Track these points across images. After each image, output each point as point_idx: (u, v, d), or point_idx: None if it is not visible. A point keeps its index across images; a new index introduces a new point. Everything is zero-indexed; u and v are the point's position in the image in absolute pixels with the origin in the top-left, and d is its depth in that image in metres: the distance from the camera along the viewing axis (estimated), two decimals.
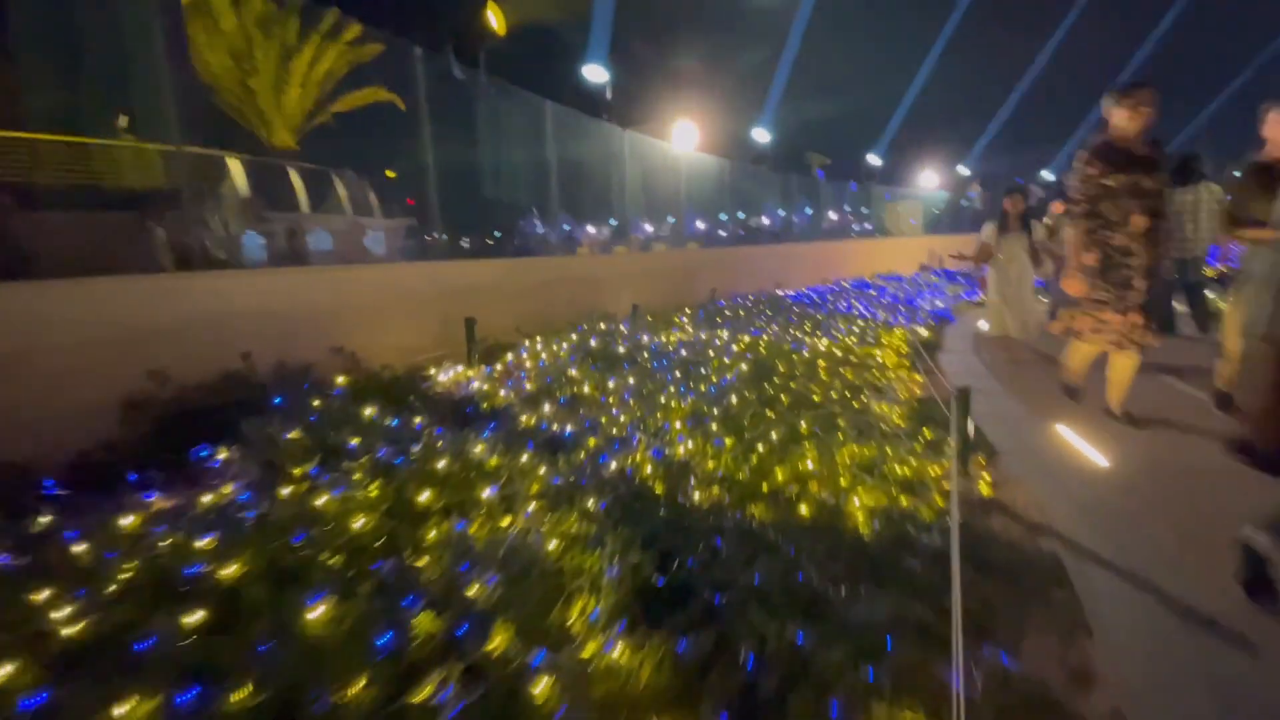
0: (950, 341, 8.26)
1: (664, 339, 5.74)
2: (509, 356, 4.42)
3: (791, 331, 7.58)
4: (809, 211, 16.81)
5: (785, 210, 15.12)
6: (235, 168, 15.28)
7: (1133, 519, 2.78)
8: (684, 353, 5.25)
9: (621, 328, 5.74)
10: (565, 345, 4.81)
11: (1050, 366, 6.12)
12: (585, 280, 6.50)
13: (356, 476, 2.26)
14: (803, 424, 3.70)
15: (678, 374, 4.54)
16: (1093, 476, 3.30)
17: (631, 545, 2.02)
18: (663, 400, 3.85)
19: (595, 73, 11.81)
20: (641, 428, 3.30)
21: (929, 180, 23.71)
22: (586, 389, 3.89)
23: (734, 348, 5.85)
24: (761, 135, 21.45)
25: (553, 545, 2.01)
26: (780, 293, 11.12)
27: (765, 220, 15.53)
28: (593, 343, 4.89)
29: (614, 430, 3.23)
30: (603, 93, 7.87)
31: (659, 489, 2.65)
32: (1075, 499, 3.00)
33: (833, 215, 20.17)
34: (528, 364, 4.28)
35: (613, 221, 9.49)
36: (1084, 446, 3.67)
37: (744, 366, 5.15)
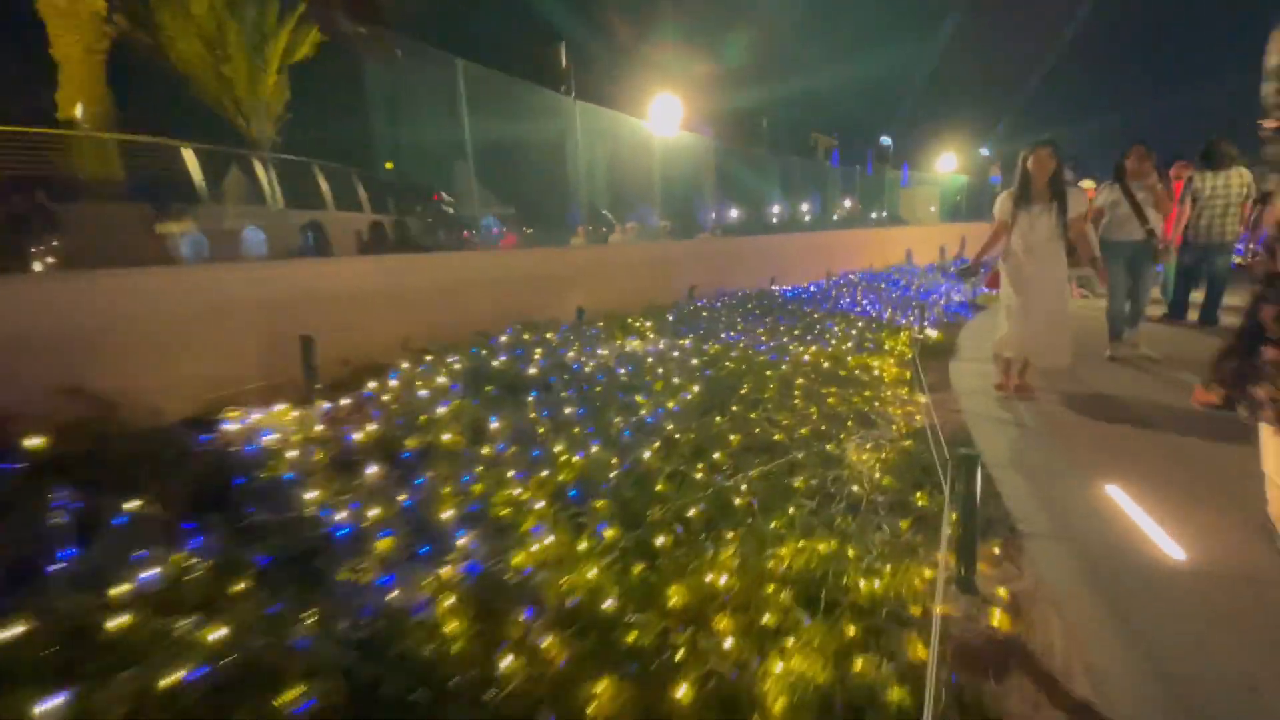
0: (967, 344, 7.07)
1: (605, 352, 4.67)
2: (372, 385, 3.37)
3: (777, 336, 6.46)
4: (817, 197, 15.50)
5: (785, 196, 13.83)
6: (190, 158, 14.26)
7: (1261, 704, 1.65)
8: (623, 372, 4.17)
9: (552, 338, 4.67)
10: (459, 366, 3.76)
11: (1109, 388, 4.89)
12: (525, 280, 5.43)
13: None
14: (743, 490, 2.62)
15: (599, 405, 3.47)
16: (1178, 592, 2.16)
17: None
18: (555, 452, 2.78)
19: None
20: (485, 511, 2.24)
21: (948, 163, 22.10)
22: (451, 436, 2.83)
23: (693, 362, 4.76)
24: (758, 117, 19.93)
25: None
26: (775, 289, 9.97)
27: (768, 208, 14.21)
28: (496, 363, 3.83)
29: (443, 514, 2.18)
30: (556, 60, 6.73)
31: (450, 645, 1.59)
32: (1154, 645, 1.87)
33: (847, 203, 18.84)
34: (388, 396, 3.24)
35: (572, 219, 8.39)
36: (1159, 534, 2.52)
37: (696, 389, 4.06)
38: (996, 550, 2.37)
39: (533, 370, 3.83)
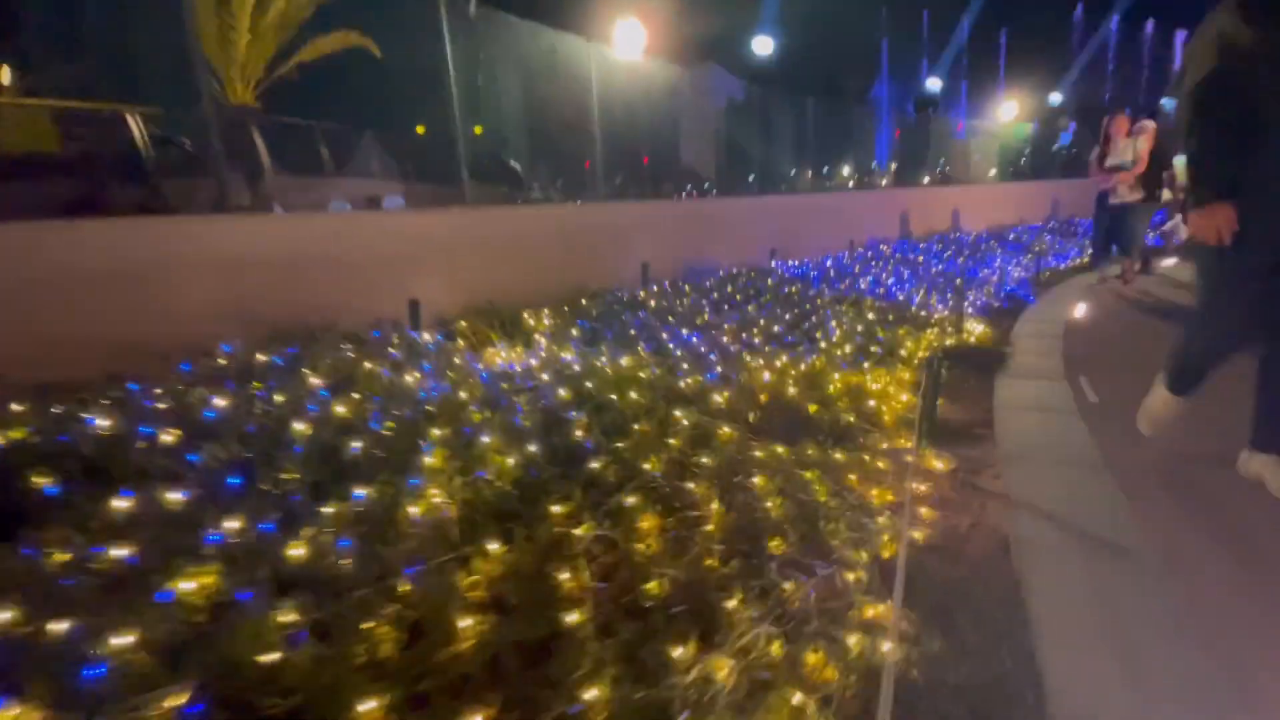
0: (1026, 347, 4.97)
1: (408, 382, 2.87)
2: None
3: (747, 337, 4.55)
4: (845, 151, 12.99)
5: (800, 149, 11.47)
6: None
7: None
8: (383, 429, 2.35)
9: (324, 357, 2.88)
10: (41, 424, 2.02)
11: None
12: (301, 261, 3.48)
13: None
14: None
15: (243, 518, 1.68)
16: None
17: None
18: None
19: None
20: None
21: (1008, 112, 18.80)
22: None
23: (559, 397, 2.92)
24: (764, 45, 16.72)
25: None
26: (775, 264, 7.93)
27: (780, 163, 11.69)
28: (103, 421, 2.07)
29: None
30: None
31: None
32: None
33: (890, 165, 16.19)
34: None
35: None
36: None
37: (512, 464, 2.24)
38: None
39: (171, 436, 2.04)
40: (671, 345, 4.24)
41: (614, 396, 2.99)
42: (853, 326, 4.97)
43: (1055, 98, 21.40)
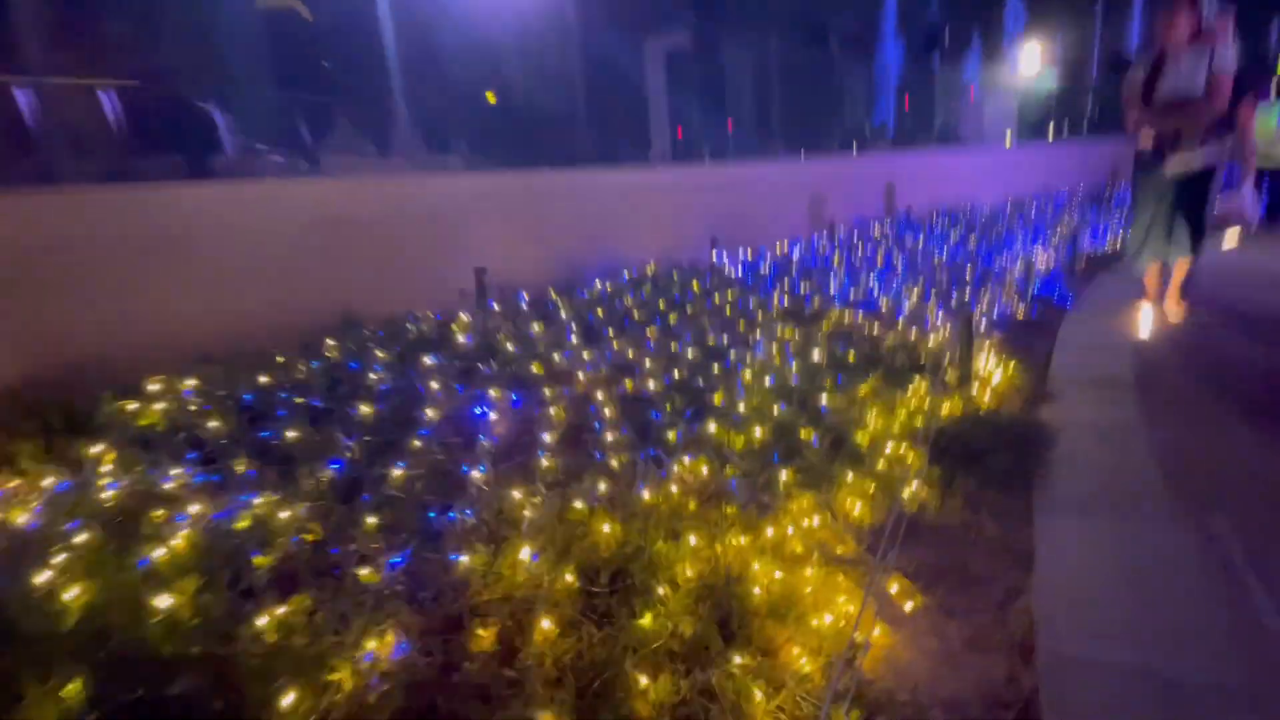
0: (1079, 414, 2.87)
1: None
2: None
3: (607, 394, 2.60)
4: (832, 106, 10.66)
5: (760, 104, 9.23)
6: None
7: None
8: None
9: None
10: None
11: None
12: None
13: None
14: None
15: None
16: None
17: None
18: None
19: None
20: None
21: (1029, 61, 16.02)
22: None
23: None
24: None
25: None
26: (716, 256, 5.86)
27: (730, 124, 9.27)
28: None
29: None
30: None
31: None
32: None
33: (887, 120, 13.81)
34: None
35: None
36: None
37: None
38: None
39: None
40: (432, 438, 2.28)
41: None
42: (785, 375, 2.96)
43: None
